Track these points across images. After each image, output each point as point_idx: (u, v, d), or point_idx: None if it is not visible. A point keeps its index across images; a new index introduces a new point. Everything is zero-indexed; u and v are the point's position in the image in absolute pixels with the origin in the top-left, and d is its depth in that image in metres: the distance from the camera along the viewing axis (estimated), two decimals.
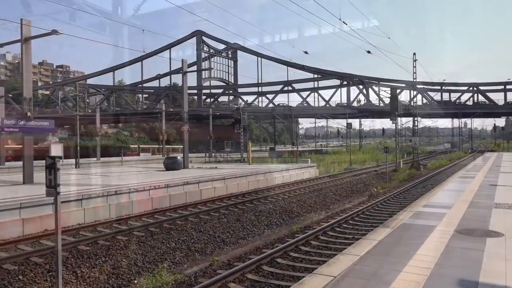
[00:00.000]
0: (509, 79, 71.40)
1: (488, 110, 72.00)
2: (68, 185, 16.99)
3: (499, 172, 20.71)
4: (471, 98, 73.35)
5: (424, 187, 22.80)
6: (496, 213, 9.57)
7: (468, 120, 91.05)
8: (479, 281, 5.08)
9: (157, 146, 65.76)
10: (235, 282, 8.31)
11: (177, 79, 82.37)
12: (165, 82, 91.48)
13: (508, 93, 72.20)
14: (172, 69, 78.35)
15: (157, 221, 13.70)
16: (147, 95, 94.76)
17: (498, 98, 73.75)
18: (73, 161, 32.14)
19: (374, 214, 15.45)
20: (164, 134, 50.69)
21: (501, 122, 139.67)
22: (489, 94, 72.93)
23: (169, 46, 78.72)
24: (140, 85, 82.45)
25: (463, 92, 73.86)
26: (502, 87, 72.25)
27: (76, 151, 32.22)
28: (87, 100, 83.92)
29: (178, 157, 27.32)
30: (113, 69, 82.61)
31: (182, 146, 33.49)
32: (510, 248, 6.52)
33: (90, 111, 75.12)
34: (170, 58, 78.15)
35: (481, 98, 73.35)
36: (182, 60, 29.16)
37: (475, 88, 72.46)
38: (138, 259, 10.37)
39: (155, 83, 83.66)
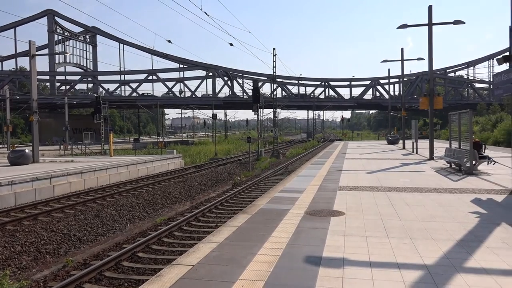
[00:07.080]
0: (353, 76, 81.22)
1: (337, 103, 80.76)
2: None
3: (344, 159, 23.32)
4: (323, 92, 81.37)
5: (282, 174, 24.50)
6: (340, 195, 10.77)
7: (321, 112, 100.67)
8: (322, 255, 5.66)
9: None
10: (91, 282, 7.81)
11: (25, 62, 73.51)
12: (9, 65, 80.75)
13: (353, 89, 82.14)
14: (18, 51, 69.43)
15: None
16: None
17: (345, 93, 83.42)
18: None
19: (236, 202, 16.04)
20: (9, 125, 44.75)
21: (347, 114, 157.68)
22: (338, 89, 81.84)
23: (13, 25, 69.46)
24: None
25: (316, 86, 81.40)
26: (348, 83, 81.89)
27: None
28: None
29: (26, 151, 24.45)
30: None
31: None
32: (348, 225, 7.40)
33: None
34: (15, 39, 69.12)
35: (331, 92, 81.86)
36: (30, 41, 25.86)
37: (326, 83, 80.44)
38: None
39: None
